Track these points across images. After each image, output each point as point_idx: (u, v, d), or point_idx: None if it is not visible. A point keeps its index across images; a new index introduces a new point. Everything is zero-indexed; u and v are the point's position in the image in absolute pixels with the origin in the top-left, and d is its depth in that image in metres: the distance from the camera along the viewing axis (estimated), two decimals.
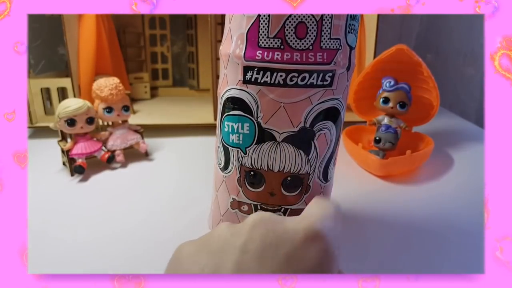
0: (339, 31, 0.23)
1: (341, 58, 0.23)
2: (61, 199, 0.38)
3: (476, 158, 0.50)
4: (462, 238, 0.31)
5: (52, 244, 0.30)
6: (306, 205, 0.26)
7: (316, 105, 0.24)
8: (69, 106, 0.41)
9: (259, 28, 0.22)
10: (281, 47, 0.22)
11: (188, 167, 0.46)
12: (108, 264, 0.28)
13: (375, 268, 0.28)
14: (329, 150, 0.26)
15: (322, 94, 0.24)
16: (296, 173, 0.25)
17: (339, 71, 0.24)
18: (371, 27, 0.57)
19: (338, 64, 0.23)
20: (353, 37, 0.24)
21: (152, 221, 0.34)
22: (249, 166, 0.25)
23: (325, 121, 0.24)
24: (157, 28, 0.80)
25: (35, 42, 0.74)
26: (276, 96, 0.23)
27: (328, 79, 0.23)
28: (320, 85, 0.23)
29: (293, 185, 0.25)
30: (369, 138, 0.50)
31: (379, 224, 0.34)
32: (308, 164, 0.25)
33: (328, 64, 0.23)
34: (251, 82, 0.24)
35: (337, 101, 0.25)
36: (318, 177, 0.26)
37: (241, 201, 0.27)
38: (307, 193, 0.26)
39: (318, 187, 0.26)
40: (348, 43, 0.24)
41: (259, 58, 0.23)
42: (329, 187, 0.28)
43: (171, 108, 0.69)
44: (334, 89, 0.24)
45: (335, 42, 0.23)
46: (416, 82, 0.48)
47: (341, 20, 0.23)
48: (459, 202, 0.38)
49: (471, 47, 0.75)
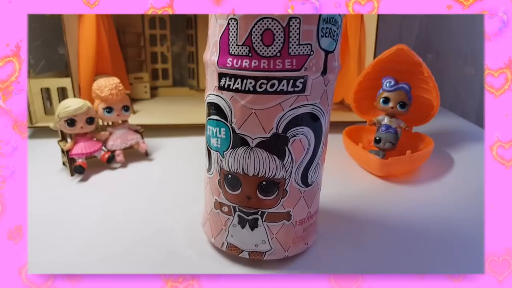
0: (309, 36, 0.23)
1: (313, 63, 0.23)
2: (61, 199, 0.38)
3: (476, 158, 0.50)
4: (462, 238, 0.31)
5: (52, 244, 0.30)
6: (284, 209, 0.26)
7: (288, 111, 0.24)
8: (69, 106, 0.41)
9: (229, 35, 0.23)
10: (249, 55, 0.23)
11: (188, 167, 0.46)
12: (108, 264, 0.28)
13: (375, 268, 0.28)
14: (308, 155, 0.25)
15: (294, 100, 0.24)
16: (271, 178, 0.25)
17: (312, 77, 0.23)
18: (371, 27, 0.57)
19: (309, 70, 0.23)
20: (330, 41, 0.23)
21: (152, 221, 0.34)
22: (227, 170, 0.26)
23: (299, 127, 0.24)
24: (157, 28, 0.80)
25: (35, 42, 0.74)
26: (247, 102, 0.24)
27: (299, 85, 0.23)
28: (291, 91, 0.23)
29: (269, 189, 0.26)
30: (369, 138, 0.50)
31: (379, 224, 0.34)
32: (283, 169, 0.25)
33: (298, 71, 0.23)
34: (225, 89, 0.24)
35: (313, 107, 0.24)
36: (296, 182, 0.26)
37: (222, 202, 0.27)
38: (284, 197, 0.26)
39: (296, 192, 0.26)
40: (323, 47, 0.23)
41: (229, 66, 0.23)
42: (312, 191, 0.27)
43: (171, 108, 0.69)
44: (308, 95, 0.24)
45: (306, 47, 0.23)
46: (416, 82, 0.48)
47: (311, 25, 0.22)
48: (459, 202, 0.38)
49: (471, 47, 0.75)
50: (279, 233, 0.27)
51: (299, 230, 0.27)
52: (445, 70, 0.82)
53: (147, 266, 0.28)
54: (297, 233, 0.27)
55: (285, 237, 0.27)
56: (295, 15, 0.22)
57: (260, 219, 0.27)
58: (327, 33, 0.23)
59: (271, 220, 0.27)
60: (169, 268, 0.27)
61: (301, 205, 0.27)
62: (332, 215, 0.35)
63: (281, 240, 0.27)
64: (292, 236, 0.27)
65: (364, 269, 0.28)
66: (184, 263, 0.28)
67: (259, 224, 0.27)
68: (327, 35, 0.23)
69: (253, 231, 0.27)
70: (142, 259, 0.28)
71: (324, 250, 0.30)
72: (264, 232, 0.27)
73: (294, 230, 0.27)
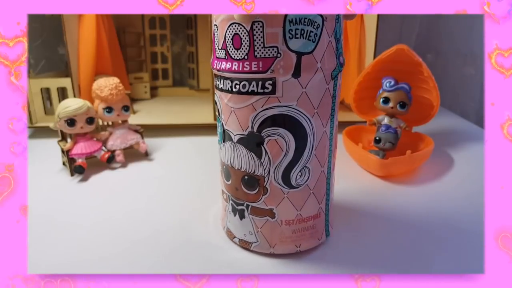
0: (274, 39, 0.23)
1: (281, 65, 0.23)
2: (61, 199, 0.38)
3: (476, 158, 0.50)
4: (462, 238, 0.31)
5: (52, 244, 0.30)
6: (266, 205, 0.27)
7: (260, 112, 0.25)
8: (69, 106, 0.41)
9: (214, 40, 0.26)
10: (225, 58, 0.25)
11: (188, 167, 0.46)
12: (108, 264, 0.28)
13: (375, 268, 0.28)
14: (287, 157, 0.26)
15: (266, 101, 0.24)
16: (252, 174, 0.27)
17: (282, 79, 0.24)
18: (371, 27, 0.57)
19: (276, 72, 0.24)
20: (304, 42, 0.23)
21: (152, 221, 0.34)
22: (222, 161, 0.29)
23: (274, 127, 0.25)
24: (157, 28, 0.80)
25: (35, 42, 0.74)
26: (228, 101, 0.26)
27: (269, 87, 0.24)
28: (262, 92, 0.24)
29: (250, 184, 0.27)
30: (369, 138, 0.50)
31: (379, 224, 0.34)
32: (261, 167, 0.26)
33: (264, 73, 0.24)
34: (216, 88, 0.27)
35: (288, 109, 0.24)
36: (276, 181, 0.26)
37: (223, 190, 0.30)
38: (265, 194, 0.27)
39: (278, 191, 0.27)
40: (293, 49, 0.23)
41: (215, 67, 0.26)
42: (301, 194, 0.27)
43: (171, 108, 0.69)
44: (280, 96, 0.24)
45: (271, 50, 0.23)
46: (416, 82, 0.48)
47: (276, 27, 0.23)
48: (459, 202, 0.38)
49: (470, 47, 0.75)
50: (263, 228, 0.28)
51: (286, 230, 0.28)
52: (445, 70, 0.82)
53: (147, 266, 0.28)
54: (283, 233, 0.28)
55: (270, 233, 0.28)
56: (258, 19, 0.23)
57: (246, 211, 0.28)
58: (298, 35, 0.23)
59: (255, 214, 0.28)
60: (169, 268, 0.27)
61: (286, 205, 0.27)
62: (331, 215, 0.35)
63: (266, 236, 0.28)
64: (278, 234, 0.28)
65: (364, 268, 0.28)
66: (184, 263, 0.28)
67: (245, 215, 0.28)
68: (297, 37, 0.23)
69: (242, 221, 0.29)
70: (142, 259, 0.28)
71: (323, 249, 0.30)
72: (250, 224, 0.28)
73: (280, 229, 0.28)
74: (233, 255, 0.29)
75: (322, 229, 0.29)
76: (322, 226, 0.29)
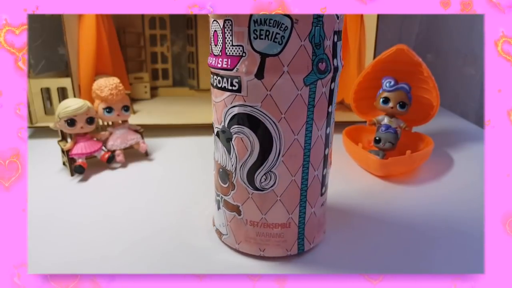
0: (240, 38, 0.23)
1: (245, 65, 0.23)
2: (61, 199, 0.38)
3: (476, 158, 0.50)
4: (462, 238, 0.31)
5: (52, 244, 0.30)
6: (233, 201, 0.28)
7: (229, 108, 0.25)
8: (69, 106, 0.41)
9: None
10: (210, 53, 0.26)
11: (188, 167, 0.46)
12: (108, 264, 0.28)
13: (375, 268, 0.28)
14: (252, 157, 0.26)
15: (233, 99, 0.25)
16: (224, 167, 0.28)
17: (246, 78, 0.24)
18: (371, 27, 0.57)
19: (241, 71, 0.24)
20: (269, 43, 0.23)
21: (152, 221, 0.34)
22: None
23: (240, 125, 0.25)
24: (157, 28, 0.80)
25: (35, 42, 0.74)
26: (212, 94, 0.27)
27: (236, 85, 0.24)
28: (230, 89, 0.25)
29: (222, 177, 0.28)
30: (369, 138, 0.50)
31: (379, 224, 0.34)
32: (230, 162, 0.27)
33: (231, 70, 0.24)
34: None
35: (252, 109, 0.24)
36: (241, 179, 0.27)
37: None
38: (233, 190, 0.28)
39: (244, 190, 0.27)
40: (258, 50, 0.23)
41: (208, 62, 0.27)
42: (266, 198, 0.27)
43: (171, 108, 0.69)
44: (245, 95, 0.24)
45: (238, 49, 0.24)
46: (416, 82, 0.48)
47: (242, 27, 0.23)
48: (459, 202, 0.38)
49: (470, 47, 0.75)
50: (232, 222, 0.29)
51: (250, 231, 0.28)
52: (445, 70, 0.82)
53: (147, 266, 0.28)
54: (248, 233, 0.28)
55: (236, 229, 0.29)
56: (228, 17, 0.23)
57: (220, 202, 0.29)
58: (263, 36, 0.23)
59: (226, 208, 0.29)
60: (169, 268, 0.27)
61: (251, 205, 0.27)
62: (331, 214, 0.35)
63: (234, 231, 0.29)
64: (243, 232, 0.28)
65: (364, 268, 0.28)
66: (184, 263, 0.28)
67: (220, 206, 0.30)
68: (262, 37, 0.23)
69: (218, 211, 0.30)
70: (142, 259, 0.28)
71: (323, 249, 0.30)
72: (223, 216, 0.29)
73: (245, 228, 0.28)
74: (233, 255, 0.29)
75: (293, 241, 0.28)
76: (293, 238, 0.28)
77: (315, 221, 0.29)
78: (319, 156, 0.27)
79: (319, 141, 0.26)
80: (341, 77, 0.59)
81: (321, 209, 0.29)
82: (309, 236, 0.29)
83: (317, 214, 0.29)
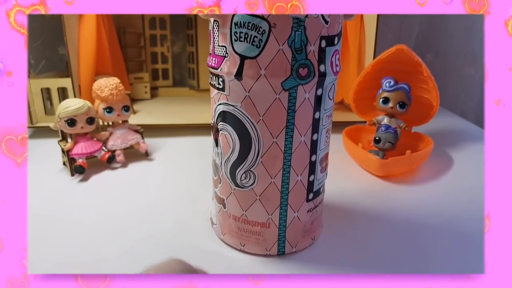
0: (224, 39, 0.24)
1: (227, 65, 0.24)
2: (61, 199, 0.38)
3: (476, 158, 0.50)
4: (462, 238, 0.31)
5: (52, 244, 0.30)
6: (220, 194, 0.29)
7: (217, 105, 0.27)
8: (70, 106, 0.41)
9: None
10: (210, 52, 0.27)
11: (188, 167, 0.46)
12: (108, 264, 0.28)
13: (375, 267, 0.28)
14: (233, 155, 0.26)
15: (220, 97, 0.26)
16: (214, 161, 0.29)
17: (228, 78, 0.25)
18: (371, 27, 0.57)
19: (223, 71, 0.25)
20: (248, 46, 0.23)
21: (152, 220, 0.34)
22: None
23: (224, 123, 0.26)
24: (157, 28, 0.80)
25: (35, 42, 0.74)
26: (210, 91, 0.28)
27: (221, 84, 0.26)
28: (218, 87, 0.26)
29: (214, 170, 0.29)
30: (369, 138, 0.50)
31: (379, 224, 0.34)
32: (217, 157, 0.28)
33: (217, 69, 0.25)
34: None
35: (233, 108, 0.25)
36: (225, 174, 0.28)
37: None
38: (220, 183, 0.29)
39: (227, 184, 0.28)
40: (237, 51, 0.24)
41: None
42: (246, 195, 0.27)
43: (171, 108, 0.69)
44: (227, 94, 0.25)
45: (222, 49, 0.25)
46: (416, 82, 0.48)
47: (226, 28, 0.24)
48: (459, 202, 0.38)
49: (470, 48, 0.75)
50: (219, 214, 0.30)
51: (233, 225, 0.29)
52: (445, 70, 0.82)
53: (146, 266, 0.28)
54: (231, 226, 0.29)
55: (222, 221, 0.30)
56: (216, 18, 0.24)
57: (213, 193, 0.30)
58: (242, 38, 0.23)
59: (216, 199, 0.30)
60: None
61: (233, 201, 0.28)
62: (331, 214, 0.35)
63: (221, 222, 0.30)
64: (227, 225, 0.29)
65: (363, 268, 0.28)
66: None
67: (213, 197, 0.31)
68: (241, 40, 0.23)
69: (212, 201, 0.31)
70: (142, 259, 0.28)
71: (323, 249, 0.30)
72: (215, 207, 0.30)
73: (229, 221, 0.29)
74: (233, 255, 0.29)
75: (273, 242, 0.28)
76: (273, 239, 0.28)
77: (299, 226, 0.28)
78: (302, 162, 0.26)
79: (302, 146, 0.26)
80: (341, 77, 0.59)
81: (307, 215, 0.28)
82: (292, 240, 0.29)
83: (302, 219, 0.28)
